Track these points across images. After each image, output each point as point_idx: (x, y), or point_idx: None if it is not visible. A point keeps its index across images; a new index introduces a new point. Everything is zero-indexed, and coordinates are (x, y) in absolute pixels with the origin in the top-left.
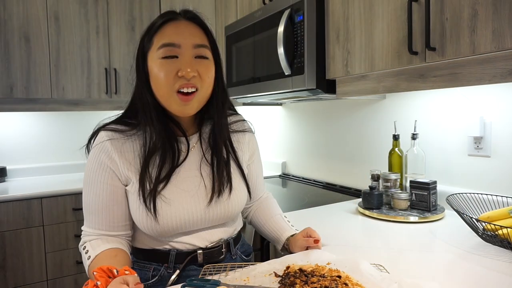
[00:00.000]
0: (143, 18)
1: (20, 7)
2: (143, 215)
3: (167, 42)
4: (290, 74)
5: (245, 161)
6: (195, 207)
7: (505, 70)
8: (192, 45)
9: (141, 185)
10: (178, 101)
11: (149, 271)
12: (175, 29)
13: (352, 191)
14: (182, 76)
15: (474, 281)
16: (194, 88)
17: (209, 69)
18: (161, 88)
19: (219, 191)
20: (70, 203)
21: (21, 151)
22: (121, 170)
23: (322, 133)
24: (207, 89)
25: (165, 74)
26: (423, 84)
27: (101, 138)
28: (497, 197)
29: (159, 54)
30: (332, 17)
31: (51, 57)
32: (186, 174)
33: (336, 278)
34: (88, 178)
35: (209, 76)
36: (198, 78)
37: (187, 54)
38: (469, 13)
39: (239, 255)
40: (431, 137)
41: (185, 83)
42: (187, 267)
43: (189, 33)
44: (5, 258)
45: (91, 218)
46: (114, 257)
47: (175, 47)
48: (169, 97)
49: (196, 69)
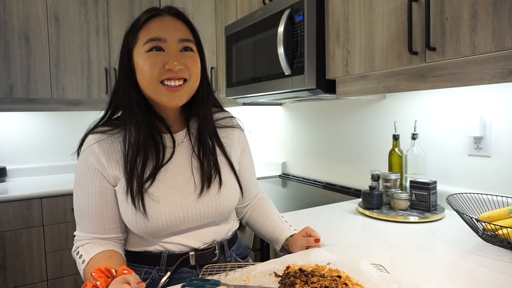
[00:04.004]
0: None
1: (20, 7)
2: (133, 215)
3: (153, 37)
4: (290, 74)
5: (236, 156)
6: (185, 203)
7: (505, 70)
8: (177, 39)
9: (129, 185)
10: (166, 92)
11: (141, 274)
12: (160, 24)
13: (352, 191)
14: (169, 69)
15: (474, 281)
16: (181, 81)
17: (195, 60)
18: (146, 80)
19: (208, 183)
20: (70, 203)
21: (21, 151)
22: (109, 171)
23: (322, 133)
24: (195, 79)
25: (151, 66)
26: (423, 84)
27: (89, 142)
28: (497, 197)
29: (145, 48)
30: (332, 17)
31: (51, 57)
32: (175, 171)
33: (336, 278)
34: (77, 182)
35: (196, 66)
36: (186, 70)
37: (173, 48)
38: (469, 13)
39: (233, 257)
40: (431, 137)
41: (171, 76)
42: (178, 269)
43: (174, 28)
44: (5, 258)
45: (82, 222)
46: (109, 258)
47: (161, 41)
48: (155, 89)
49: (183, 62)
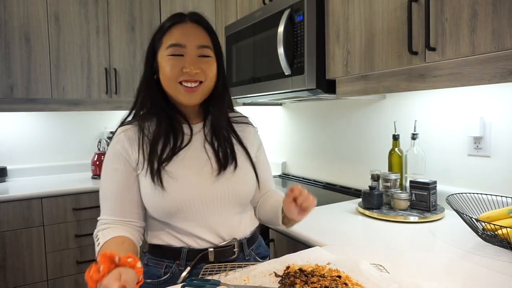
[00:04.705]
0: (143, 18)
1: (20, 7)
2: (152, 191)
3: (174, 43)
4: (290, 74)
5: (252, 150)
6: (201, 182)
7: (505, 70)
8: (196, 45)
9: (149, 164)
10: (183, 92)
11: (162, 268)
12: (181, 31)
13: (352, 191)
14: (186, 72)
15: (474, 281)
16: (197, 82)
17: (211, 65)
18: (167, 79)
19: (225, 166)
20: (70, 203)
21: (21, 151)
22: (132, 155)
23: (322, 133)
24: (210, 81)
25: (171, 69)
26: (423, 84)
27: (117, 133)
28: (497, 197)
29: (167, 52)
30: (332, 17)
31: (51, 57)
32: (193, 155)
33: (336, 278)
34: (104, 168)
35: (211, 70)
36: (202, 73)
37: (192, 53)
38: (469, 13)
39: (253, 256)
40: (431, 137)
41: (188, 78)
42: (198, 265)
43: (194, 35)
44: (5, 258)
45: (105, 205)
46: (121, 244)
47: (181, 47)
48: (174, 88)
49: (199, 66)
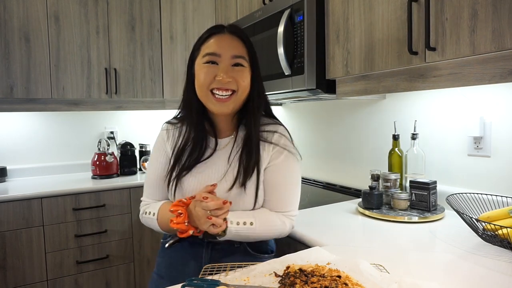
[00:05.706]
0: (143, 18)
1: (20, 7)
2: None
3: (210, 52)
4: (290, 74)
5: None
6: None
7: (505, 70)
8: (231, 55)
9: (172, 169)
10: (214, 101)
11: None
12: (218, 41)
13: (352, 191)
14: (219, 80)
15: (474, 281)
16: (230, 92)
17: (244, 74)
18: (199, 86)
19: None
20: (70, 203)
21: (21, 151)
22: (168, 149)
23: (322, 133)
24: (243, 91)
25: (204, 76)
26: (423, 84)
27: (162, 128)
28: (497, 197)
29: (204, 60)
30: (332, 17)
31: (51, 57)
32: (211, 170)
33: (336, 278)
34: (150, 158)
35: (244, 80)
36: (234, 82)
37: (226, 62)
38: (469, 13)
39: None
40: (431, 137)
41: (220, 86)
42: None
43: (229, 45)
44: (5, 258)
45: (148, 190)
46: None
47: (216, 56)
48: (205, 95)
49: (232, 75)
